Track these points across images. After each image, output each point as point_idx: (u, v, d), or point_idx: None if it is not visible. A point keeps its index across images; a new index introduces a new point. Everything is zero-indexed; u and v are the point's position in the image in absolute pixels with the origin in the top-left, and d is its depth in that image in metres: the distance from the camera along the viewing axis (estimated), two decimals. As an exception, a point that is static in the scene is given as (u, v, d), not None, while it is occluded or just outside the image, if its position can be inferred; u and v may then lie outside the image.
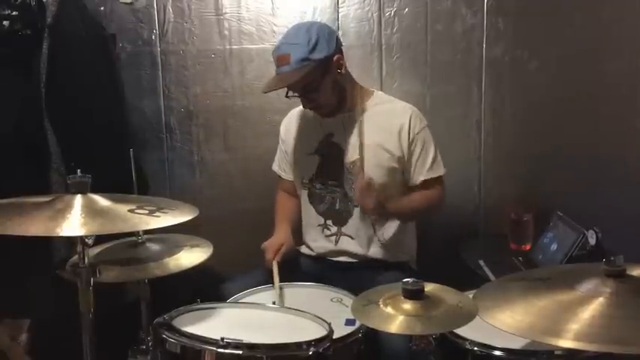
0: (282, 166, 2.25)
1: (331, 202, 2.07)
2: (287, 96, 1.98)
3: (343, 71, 1.99)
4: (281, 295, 1.84)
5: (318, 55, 1.89)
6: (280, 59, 1.91)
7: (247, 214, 2.57)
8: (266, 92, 1.99)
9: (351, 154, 2.02)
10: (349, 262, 2.08)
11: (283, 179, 2.25)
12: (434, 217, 2.29)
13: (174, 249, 1.91)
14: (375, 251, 2.06)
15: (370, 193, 1.88)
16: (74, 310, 1.52)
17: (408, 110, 2.03)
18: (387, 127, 2.02)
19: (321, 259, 2.12)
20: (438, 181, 2.05)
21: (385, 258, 2.06)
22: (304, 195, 2.13)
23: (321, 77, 1.93)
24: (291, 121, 2.19)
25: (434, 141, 2.04)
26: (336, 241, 2.07)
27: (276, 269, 1.92)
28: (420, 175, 2.02)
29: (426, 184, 2.03)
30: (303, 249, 2.17)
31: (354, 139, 2.01)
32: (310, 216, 2.13)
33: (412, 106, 2.07)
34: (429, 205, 2.06)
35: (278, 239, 2.03)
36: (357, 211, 2.04)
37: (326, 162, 2.07)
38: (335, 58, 1.95)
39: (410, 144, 2.00)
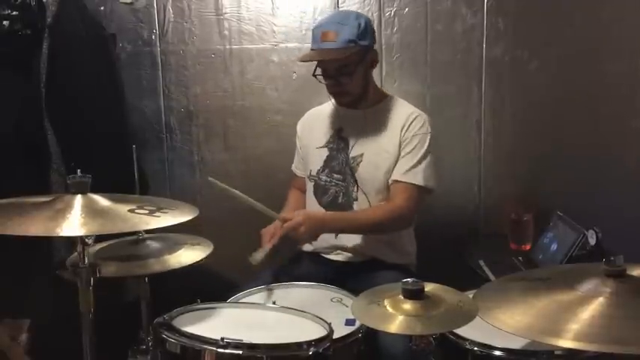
0: (297, 165, 2.28)
1: (334, 195, 2.08)
2: (314, 74, 2.01)
3: (375, 66, 2.06)
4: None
5: (364, 41, 1.95)
6: (326, 35, 1.93)
7: (247, 214, 2.56)
8: (303, 61, 2.08)
9: (355, 150, 2.05)
10: (349, 262, 2.08)
11: (297, 177, 2.28)
12: (431, 217, 2.29)
13: (174, 246, 1.91)
14: (374, 247, 2.06)
15: (297, 230, 1.84)
16: (74, 310, 1.52)
17: (413, 114, 2.03)
18: (391, 128, 2.03)
19: (321, 258, 2.12)
20: (409, 190, 1.96)
21: (384, 257, 2.06)
22: (310, 188, 2.15)
23: (357, 64, 1.96)
24: (307, 120, 2.24)
25: (429, 153, 1.98)
26: (337, 234, 2.05)
27: (267, 252, 1.86)
28: (395, 175, 1.99)
29: (397, 188, 1.97)
30: (305, 246, 2.17)
31: (361, 136, 2.05)
32: (313, 208, 2.13)
33: (423, 113, 2.05)
34: (378, 218, 1.95)
35: (276, 224, 1.96)
36: (357, 205, 2.04)
37: (333, 155, 2.10)
38: (373, 51, 2.02)
39: (401, 142, 2.00)
